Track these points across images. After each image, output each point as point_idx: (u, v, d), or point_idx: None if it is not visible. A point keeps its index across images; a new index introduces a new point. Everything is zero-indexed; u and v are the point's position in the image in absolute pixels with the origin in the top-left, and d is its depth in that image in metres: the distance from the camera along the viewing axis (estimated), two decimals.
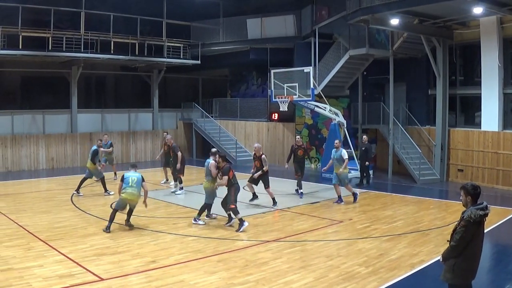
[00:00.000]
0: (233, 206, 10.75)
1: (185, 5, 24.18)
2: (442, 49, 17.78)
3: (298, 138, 15.77)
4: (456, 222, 5.38)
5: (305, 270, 7.94)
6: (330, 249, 9.27)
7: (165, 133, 18.59)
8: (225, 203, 11.15)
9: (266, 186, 13.27)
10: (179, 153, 15.00)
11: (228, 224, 11.07)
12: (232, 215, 10.93)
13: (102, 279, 7.33)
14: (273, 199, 13.32)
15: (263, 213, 12.51)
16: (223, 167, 10.97)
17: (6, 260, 8.17)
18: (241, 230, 10.53)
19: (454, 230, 5.29)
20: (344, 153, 13.77)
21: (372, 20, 16.51)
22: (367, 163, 17.15)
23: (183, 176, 15.38)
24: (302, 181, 15.00)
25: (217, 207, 11.47)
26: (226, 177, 10.84)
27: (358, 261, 8.43)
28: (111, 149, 17.87)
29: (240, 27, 24.25)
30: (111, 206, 12.93)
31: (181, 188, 15.27)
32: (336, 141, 14.45)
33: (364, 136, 17.65)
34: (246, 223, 10.70)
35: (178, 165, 14.94)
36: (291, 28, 23.06)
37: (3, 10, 19.51)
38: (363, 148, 17.31)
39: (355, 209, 13.12)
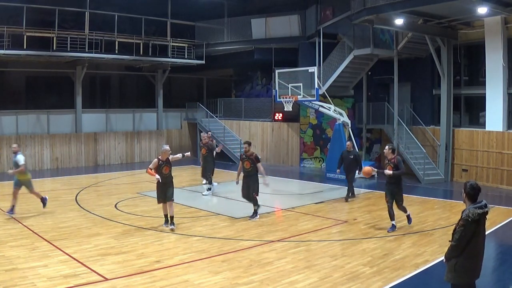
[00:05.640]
0: (257, 196, 11.60)
1: (189, 5, 24.24)
2: (447, 49, 17.74)
3: (204, 135, 15.50)
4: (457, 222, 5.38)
5: (309, 270, 7.93)
6: (334, 249, 9.27)
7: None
8: (247, 194, 11.68)
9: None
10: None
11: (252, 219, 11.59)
12: (254, 206, 11.67)
13: (106, 279, 7.34)
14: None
15: (267, 213, 12.49)
16: (254, 155, 11.56)
17: (10, 260, 8.20)
18: (252, 219, 11.49)
19: (454, 230, 5.29)
20: None
21: (376, 20, 16.49)
22: (357, 173, 14.39)
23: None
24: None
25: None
26: (260, 164, 11.54)
27: (363, 261, 8.42)
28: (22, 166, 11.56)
29: (244, 27, 24.25)
30: (115, 206, 13.03)
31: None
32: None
33: (348, 142, 14.89)
34: (257, 217, 11.58)
35: None
36: (296, 28, 23.03)
37: (7, 10, 19.59)
38: (351, 156, 14.15)
39: (360, 209, 13.10)
